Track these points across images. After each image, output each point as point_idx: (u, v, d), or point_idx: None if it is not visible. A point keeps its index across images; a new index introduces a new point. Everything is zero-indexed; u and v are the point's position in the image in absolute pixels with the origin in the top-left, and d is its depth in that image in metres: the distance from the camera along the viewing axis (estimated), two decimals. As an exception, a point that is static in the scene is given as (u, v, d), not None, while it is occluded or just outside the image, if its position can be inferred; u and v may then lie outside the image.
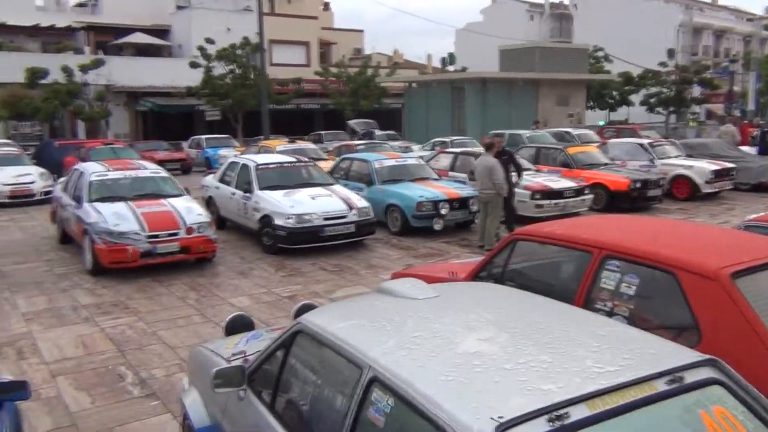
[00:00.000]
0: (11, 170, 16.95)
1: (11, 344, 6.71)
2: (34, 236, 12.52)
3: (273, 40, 34.96)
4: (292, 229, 10.27)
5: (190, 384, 4.22)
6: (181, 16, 37.62)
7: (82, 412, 5.22)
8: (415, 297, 3.01)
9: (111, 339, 6.88)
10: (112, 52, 34.60)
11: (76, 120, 31.19)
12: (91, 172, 10.43)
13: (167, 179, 10.92)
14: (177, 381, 5.69)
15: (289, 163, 12.39)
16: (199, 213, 9.92)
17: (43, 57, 31.12)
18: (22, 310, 7.87)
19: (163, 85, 32.92)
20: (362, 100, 34.44)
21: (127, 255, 8.98)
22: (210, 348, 4.12)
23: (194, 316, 7.66)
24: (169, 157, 23.82)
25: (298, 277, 9.39)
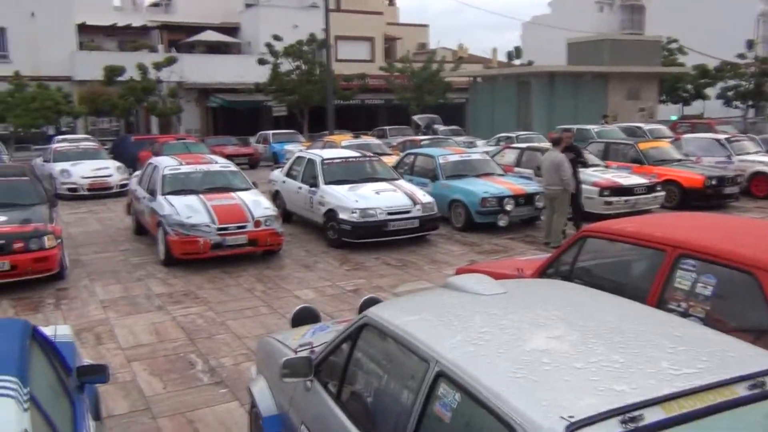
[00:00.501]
0: (90, 164, 17.73)
1: (90, 330, 7.02)
2: (111, 227, 13.06)
3: (338, 36, 35.25)
4: (356, 223, 10.36)
5: (258, 373, 4.32)
6: (249, 13, 38.42)
7: (155, 397, 5.42)
8: (482, 293, 2.99)
9: (182, 327, 7.11)
10: (184, 50, 35.67)
11: (150, 116, 32.33)
12: (165, 166, 10.79)
13: (236, 173, 11.19)
14: (244, 370, 5.85)
15: (353, 158, 12.49)
16: (267, 206, 10.12)
17: (120, 55, 32.38)
18: (100, 298, 8.23)
19: (232, 82, 33.71)
20: (426, 95, 34.33)
21: (198, 246, 9.26)
22: (278, 338, 4.21)
23: (261, 307, 7.83)
24: (237, 151, 24.38)
25: (361, 271, 9.46)
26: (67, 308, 7.83)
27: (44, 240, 8.39)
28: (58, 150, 18.95)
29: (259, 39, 34.57)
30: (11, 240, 8.18)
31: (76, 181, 16.97)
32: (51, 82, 28.28)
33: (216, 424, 4.95)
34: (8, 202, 9.29)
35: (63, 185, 16.84)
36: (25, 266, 8.23)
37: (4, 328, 2.91)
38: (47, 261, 8.42)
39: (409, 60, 35.89)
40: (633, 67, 30.59)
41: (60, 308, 7.83)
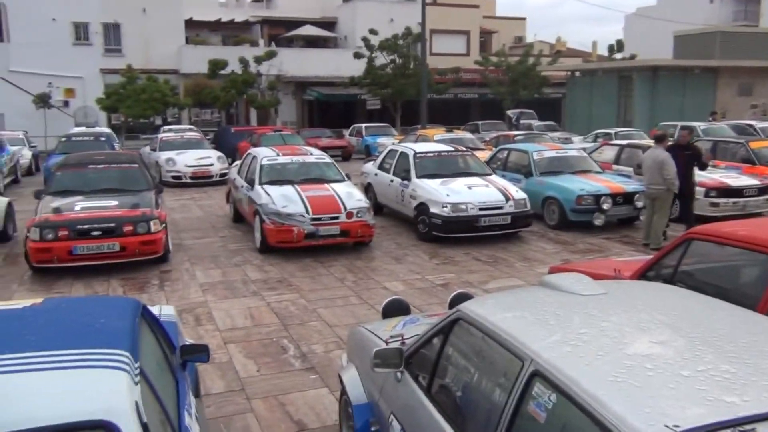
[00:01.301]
0: (193, 153, 18.57)
1: (190, 311, 7.37)
2: (211, 214, 13.63)
3: (434, 29, 35.13)
4: (447, 217, 10.32)
5: (348, 361, 4.39)
6: (347, 8, 38.95)
7: (249, 379, 5.62)
8: (580, 293, 2.90)
9: (276, 313, 7.33)
10: (284, 44, 36.63)
11: (249, 108, 33.47)
12: (263, 156, 11.13)
13: (331, 165, 11.39)
14: (335, 357, 5.96)
15: (446, 152, 12.44)
16: (359, 198, 10.26)
17: (223, 49, 33.69)
18: (200, 281, 8.62)
19: (328, 75, 34.33)
20: (522, 90, 33.69)
21: (293, 235, 9.51)
22: (369, 329, 4.26)
23: (351, 297, 7.95)
24: (331, 144, 24.83)
25: (451, 265, 9.42)
26: (169, 289, 8.25)
27: (151, 224, 8.86)
28: (164, 139, 19.96)
29: (355, 33, 35.03)
30: (121, 223, 8.70)
31: (180, 170, 17.82)
32: (160, 74, 29.82)
33: (306, 408, 5.08)
34: (120, 187, 9.91)
35: (168, 173, 17.73)
36: (132, 248, 8.73)
37: (117, 306, 3.10)
38: (153, 244, 8.90)
39: (505, 54, 35.33)
40: (746, 61, 28.78)
41: (163, 289, 8.26)
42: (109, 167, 10.53)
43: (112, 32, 32.36)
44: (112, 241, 8.59)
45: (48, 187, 10.38)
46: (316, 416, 4.96)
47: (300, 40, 37.84)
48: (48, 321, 2.81)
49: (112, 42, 32.40)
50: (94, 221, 8.65)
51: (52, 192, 9.74)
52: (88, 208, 9.00)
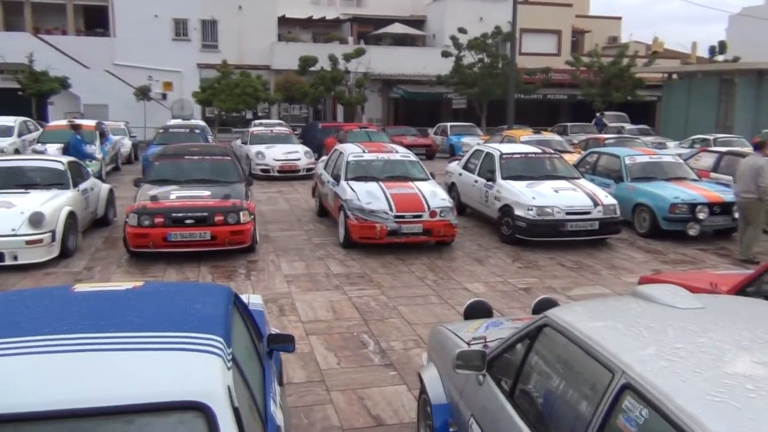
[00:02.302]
0: (282, 147, 19.06)
1: (275, 301, 7.57)
2: (296, 208, 13.95)
3: (524, 28, 34.53)
4: (532, 220, 10.14)
5: (429, 361, 4.39)
6: (436, 6, 38.88)
7: (329, 371, 5.73)
8: (676, 305, 2.79)
9: (357, 308, 7.43)
10: (372, 41, 36.98)
11: (336, 104, 34.01)
12: (349, 152, 11.29)
13: (416, 163, 11.42)
14: (414, 356, 5.98)
15: (533, 154, 12.21)
16: (443, 198, 10.23)
17: (313, 46, 34.38)
18: (285, 272, 8.84)
19: (415, 73, 34.41)
20: (614, 92, 32.59)
21: (376, 232, 9.60)
22: (450, 329, 4.24)
23: (431, 296, 7.95)
24: (415, 142, 24.87)
25: (534, 269, 9.25)
26: (255, 279, 8.51)
27: (240, 215, 9.17)
28: (255, 133, 20.57)
29: (444, 31, 34.93)
30: (213, 213, 9.05)
31: (269, 163, 18.33)
32: (252, 70, 30.79)
33: (384, 404, 5.12)
34: (213, 178, 10.31)
35: (257, 166, 18.27)
36: (222, 237, 9.06)
37: (212, 292, 3.23)
38: (242, 234, 9.20)
39: (598, 54, 34.27)
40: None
41: (250, 278, 8.53)
42: (203, 159, 10.97)
43: (209, 28, 33.65)
44: (203, 229, 8.94)
45: (146, 175, 10.93)
46: (393, 412, 4.99)
47: (388, 38, 38.09)
48: (148, 303, 2.97)
49: (209, 38, 33.70)
50: (188, 210, 9.04)
51: (150, 180, 10.25)
52: (183, 197, 9.41)
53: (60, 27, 32.77)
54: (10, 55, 28.40)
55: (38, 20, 32.16)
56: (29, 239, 8.59)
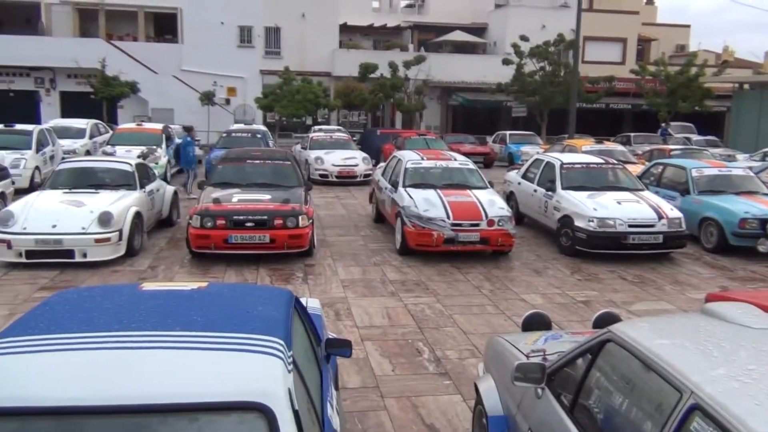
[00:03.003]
0: (340, 153, 19.26)
1: (331, 305, 7.63)
2: (353, 213, 14.05)
3: (588, 36, 33.90)
4: (593, 232, 9.92)
5: (485, 371, 4.34)
6: (498, 14, 38.62)
7: (384, 377, 5.73)
8: (749, 325, 2.67)
9: (412, 315, 7.41)
10: (432, 49, 36.99)
11: (395, 111, 34.14)
12: (408, 159, 11.31)
13: (474, 171, 11.35)
14: (469, 366, 5.94)
15: (595, 164, 11.95)
16: (501, 207, 10.12)
17: (373, 53, 34.63)
18: (341, 277, 8.91)
19: (474, 81, 34.23)
20: (681, 102, 31.60)
21: (432, 239, 9.57)
22: (508, 340, 4.19)
23: (488, 305, 7.86)
24: (473, 150, 24.68)
25: (594, 282, 9.04)
26: (312, 283, 8.60)
27: (299, 219, 9.30)
28: (314, 139, 20.86)
29: (505, 39, 34.65)
30: (273, 217, 9.20)
31: (327, 168, 18.53)
32: (313, 76, 31.21)
33: (438, 413, 5.09)
34: (273, 183, 10.50)
35: (316, 171, 18.50)
36: (281, 241, 9.20)
37: (273, 295, 3.28)
38: (300, 238, 9.32)
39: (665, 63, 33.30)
40: None
41: (307, 282, 8.63)
42: (264, 163, 11.19)
43: (272, 36, 34.32)
44: (263, 232, 9.10)
45: (209, 178, 11.20)
46: (447, 422, 4.95)
47: (448, 46, 38.02)
48: (212, 304, 3.03)
49: (272, 45, 34.36)
50: (248, 213, 9.22)
51: (213, 183, 10.51)
52: (244, 201, 9.61)
53: (131, 34, 34.00)
54: (84, 60, 29.66)
55: (111, 27, 33.48)
56: (98, 237, 8.92)
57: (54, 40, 31.88)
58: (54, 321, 2.76)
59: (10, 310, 7.17)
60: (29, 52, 30.69)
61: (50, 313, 2.86)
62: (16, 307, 7.29)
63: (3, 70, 31.75)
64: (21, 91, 32.31)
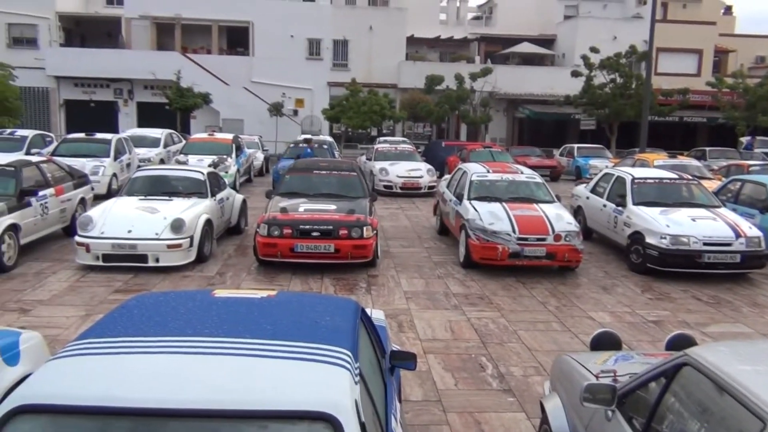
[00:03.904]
0: (405, 165, 19.31)
1: (394, 317, 7.62)
2: (417, 225, 14.04)
3: (661, 47, 32.96)
4: (665, 250, 9.58)
5: (551, 390, 4.25)
6: (567, 25, 38.05)
7: (446, 391, 5.68)
8: (840, 354, 2.52)
9: (475, 329, 7.33)
10: (499, 61, 36.75)
11: (460, 123, 34.04)
12: (473, 172, 11.24)
13: (541, 185, 11.17)
14: (534, 383, 5.82)
15: (668, 179, 11.56)
16: (569, 221, 9.92)
17: (439, 65, 34.67)
18: (404, 289, 8.90)
19: (542, 93, 33.79)
20: (760, 115, 30.26)
21: (497, 253, 9.46)
22: (576, 359, 4.08)
23: (553, 322, 7.70)
24: (540, 163, 24.33)
25: (666, 302, 8.73)
26: (376, 294, 8.63)
27: (364, 230, 9.36)
28: (379, 150, 21.00)
29: (574, 51, 34.10)
30: (338, 227, 9.30)
31: (392, 180, 18.61)
32: (379, 88, 31.50)
33: (501, 430, 5.01)
34: (339, 193, 10.62)
35: (380, 182, 18.61)
36: (346, 251, 9.28)
37: (340, 305, 3.31)
38: (364, 249, 9.38)
39: (743, 75, 32.01)
40: None
41: (370, 293, 8.66)
42: (331, 174, 11.33)
43: (340, 48, 34.85)
44: (328, 242, 9.21)
45: (277, 188, 11.42)
46: (511, 440, 4.87)
47: (516, 57, 37.69)
48: (281, 313, 3.08)
49: (339, 57, 34.89)
50: (314, 223, 9.35)
51: (281, 193, 10.71)
52: (311, 210, 9.75)
53: (205, 47, 35.17)
54: (160, 72, 30.86)
55: (186, 40, 34.73)
56: (170, 243, 9.23)
57: (133, 53, 33.36)
58: (132, 324, 2.86)
59: (87, 311, 7.49)
60: (110, 65, 32.22)
61: (128, 316, 2.97)
62: (93, 308, 7.61)
63: (85, 82, 33.37)
64: (101, 102, 33.88)
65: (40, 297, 8.03)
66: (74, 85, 33.47)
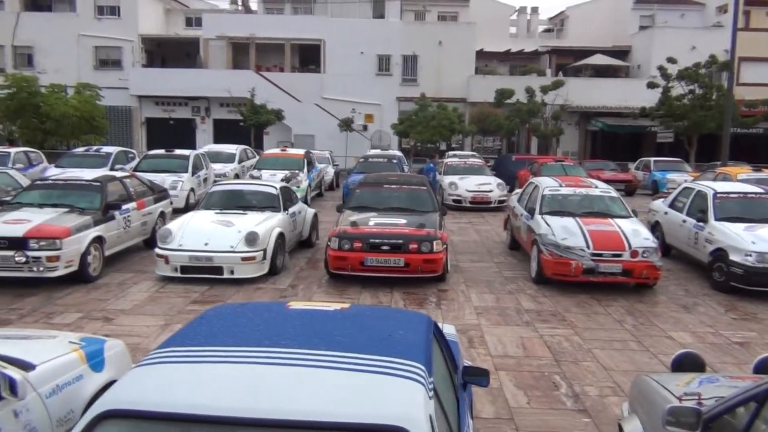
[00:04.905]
0: (475, 179, 19.18)
1: (464, 332, 7.54)
2: (487, 239, 13.89)
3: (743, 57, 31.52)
4: (751, 267, 9.12)
5: (630, 412, 4.10)
6: (642, 36, 37.01)
7: (519, 409, 5.56)
8: None
9: (548, 346, 7.17)
10: (571, 73, 36.09)
11: (531, 137, 33.58)
12: (545, 186, 11.04)
13: (616, 199, 10.86)
14: (610, 404, 5.64)
15: (754, 194, 11.02)
16: (646, 237, 9.59)
17: (509, 79, 34.37)
18: (474, 304, 8.81)
19: (616, 106, 32.94)
20: None
21: (570, 269, 9.23)
22: (658, 381, 3.93)
23: (630, 341, 7.44)
24: (614, 177, 23.64)
25: (752, 322, 8.29)
26: (445, 308, 8.57)
27: (433, 244, 9.33)
28: (449, 164, 20.94)
29: (650, 62, 33.13)
30: (408, 241, 9.30)
31: (461, 194, 18.52)
32: (449, 103, 31.47)
33: (577, 452, 4.86)
34: (409, 207, 10.63)
35: (450, 196, 18.54)
36: (415, 265, 9.26)
37: (413, 319, 3.30)
38: (434, 263, 9.34)
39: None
40: None
41: (440, 307, 8.61)
42: (401, 188, 11.38)
43: (410, 63, 35.06)
44: (398, 256, 9.23)
45: (347, 202, 11.55)
46: (587, 463, 4.72)
47: (588, 69, 36.92)
48: (355, 325, 3.10)
49: (409, 72, 35.09)
50: (384, 237, 9.39)
51: (351, 207, 10.82)
52: (381, 224, 9.80)
53: (278, 65, 36.09)
54: (236, 90, 31.88)
55: (260, 59, 35.74)
56: (244, 256, 9.46)
57: (210, 72, 34.61)
58: (211, 334, 2.95)
59: (166, 321, 7.76)
60: (188, 84, 33.54)
61: (207, 326, 3.06)
62: (171, 318, 7.88)
63: (165, 100, 34.83)
64: (179, 119, 35.26)
65: (122, 306, 8.38)
66: (155, 103, 34.98)
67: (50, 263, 8.71)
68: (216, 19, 36.05)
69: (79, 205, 9.91)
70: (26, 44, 34.30)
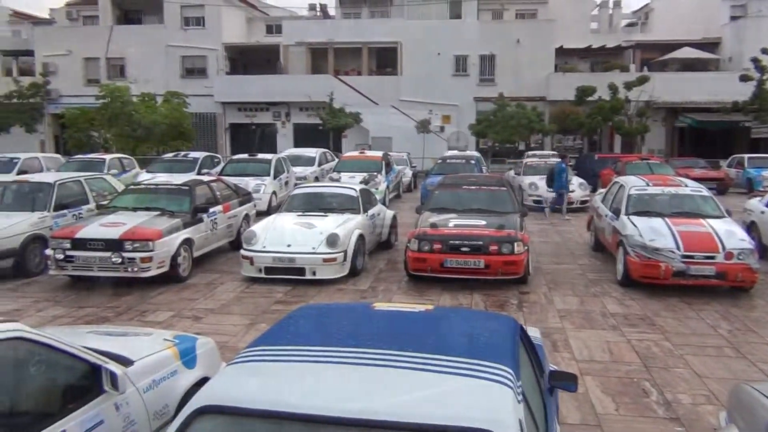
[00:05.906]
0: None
1: (547, 336, 7.37)
2: (569, 240, 13.55)
3: None
4: None
5: (729, 422, 3.90)
6: (734, 26, 35.18)
7: (606, 416, 5.40)
8: None
9: (636, 352, 6.92)
10: (656, 68, 34.69)
11: (614, 135, 32.51)
12: (631, 185, 10.67)
13: (708, 199, 10.37)
14: (705, 412, 5.40)
15: None
16: (742, 238, 9.11)
17: (590, 76, 33.35)
18: (557, 307, 8.61)
19: (705, 100, 31.41)
20: None
21: (659, 272, 8.88)
22: (760, 390, 3.72)
23: (726, 348, 7.08)
24: (704, 175, 22.54)
25: None
26: (527, 311, 8.42)
27: (514, 246, 9.19)
28: (529, 164, 20.59)
29: (742, 54, 31.46)
30: (488, 242, 9.20)
31: (542, 194, 18.12)
32: (528, 102, 30.91)
33: (669, 462, 4.67)
34: (489, 208, 10.51)
35: (530, 197, 18.20)
36: (496, 267, 9.15)
37: (500, 322, 3.27)
38: (515, 265, 9.20)
39: None
40: None
41: (522, 310, 8.46)
42: (480, 189, 11.28)
43: (487, 63, 34.67)
44: (478, 258, 9.14)
45: (426, 203, 11.54)
46: (681, 473, 4.52)
47: (675, 64, 35.40)
48: (441, 327, 3.10)
49: (486, 72, 34.70)
50: (464, 238, 9.32)
51: (430, 208, 10.80)
52: (460, 226, 9.74)
53: (356, 68, 36.50)
54: (315, 94, 32.48)
55: (338, 63, 36.26)
56: (326, 257, 9.62)
57: (290, 78, 35.42)
58: (299, 333, 3.01)
59: (251, 320, 7.98)
60: (269, 89, 34.46)
61: (295, 326, 3.13)
62: (256, 317, 8.10)
63: (248, 106, 35.88)
64: (261, 124, 36.24)
65: (210, 306, 8.69)
66: (238, 109, 36.09)
67: (144, 264, 9.14)
68: (295, 26, 36.87)
69: (169, 208, 10.36)
70: (118, 56, 36.13)
